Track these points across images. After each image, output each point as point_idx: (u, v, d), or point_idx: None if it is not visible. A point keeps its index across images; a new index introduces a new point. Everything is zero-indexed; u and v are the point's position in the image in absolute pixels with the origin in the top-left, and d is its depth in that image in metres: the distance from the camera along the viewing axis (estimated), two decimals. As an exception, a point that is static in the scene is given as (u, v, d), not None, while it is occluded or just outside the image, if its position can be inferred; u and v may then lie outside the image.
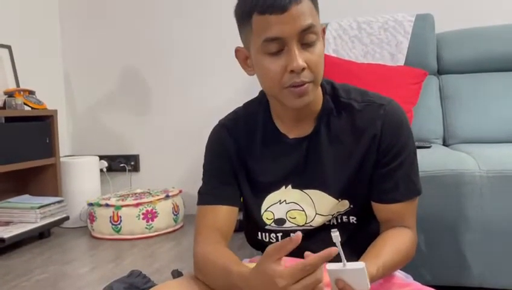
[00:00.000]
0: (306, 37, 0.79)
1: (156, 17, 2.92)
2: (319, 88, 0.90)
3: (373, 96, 0.91)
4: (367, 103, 0.90)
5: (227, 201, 0.93)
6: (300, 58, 0.78)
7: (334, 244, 0.92)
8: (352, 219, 0.93)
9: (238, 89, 2.68)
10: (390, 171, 0.88)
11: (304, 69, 0.79)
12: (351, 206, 0.92)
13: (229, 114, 1.00)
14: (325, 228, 0.92)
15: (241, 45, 0.89)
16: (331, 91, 0.92)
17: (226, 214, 0.92)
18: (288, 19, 0.77)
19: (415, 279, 0.95)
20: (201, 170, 0.99)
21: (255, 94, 1.01)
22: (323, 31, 0.87)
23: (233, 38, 0.96)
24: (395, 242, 0.86)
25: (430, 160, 1.42)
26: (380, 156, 0.88)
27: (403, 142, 0.89)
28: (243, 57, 0.89)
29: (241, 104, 1.02)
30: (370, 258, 0.80)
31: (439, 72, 2.22)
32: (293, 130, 0.92)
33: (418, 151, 0.94)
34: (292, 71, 0.79)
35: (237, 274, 0.75)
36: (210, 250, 0.87)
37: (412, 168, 0.91)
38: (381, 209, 0.91)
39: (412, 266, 0.95)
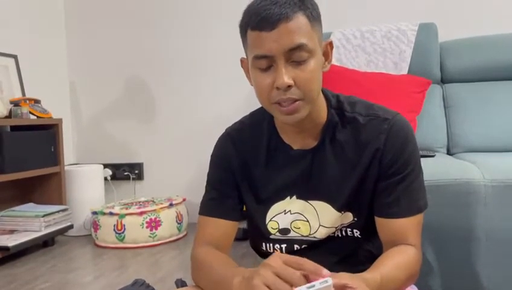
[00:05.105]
0: (295, 56, 0.79)
1: (160, 27, 2.94)
2: (323, 102, 0.90)
3: (378, 110, 0.90)
4: (371, 117, 0.89)
5: (225, 215, 0.94)
6: (286, 76, 0.78)
7: (335, 256, 0.91)
8: (356, 233, 0.92)
9: (242, 97, 2.69)
10: (391, 185, 0.87)
11: (290, 86, 0.79)
12: (355, 219, 0.91)
13: (235, 123, 1.01)
14: (329, 240, 0.92)
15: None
16: (337, 104, 0.92)
17: (223, 228, 0.93)
18: (277, 37, 0.77)
19: (420, 289, 0.94)
20: (205, 178, 1.00)
21: (259, 103, 1.01)
22: (331, 44, 0.87)
23: (237, 48, 0.96)
24: (395, 257, 0.83)
25: (434, 169, 1.42)
26: (383, 169, 0.88)
27: (407, 157, 0.87)
28: (247, 68, 0.90)
29: (245, 113, 1.02)
30: (369, 270, 0.79)
31: (443, 80, 2.22)
32: (297, 142, 0.92)
33: (422, 160, 0.92)
34: (278, 88, 0.80)
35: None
36: (204, 256, 0.89)
37: (415, 184, 0.89)
38: (383, 226, 0.89)
39: (416, 275, 0.94)
